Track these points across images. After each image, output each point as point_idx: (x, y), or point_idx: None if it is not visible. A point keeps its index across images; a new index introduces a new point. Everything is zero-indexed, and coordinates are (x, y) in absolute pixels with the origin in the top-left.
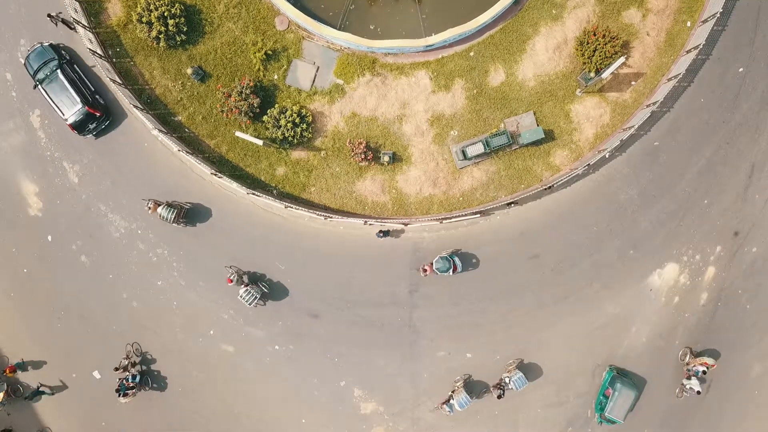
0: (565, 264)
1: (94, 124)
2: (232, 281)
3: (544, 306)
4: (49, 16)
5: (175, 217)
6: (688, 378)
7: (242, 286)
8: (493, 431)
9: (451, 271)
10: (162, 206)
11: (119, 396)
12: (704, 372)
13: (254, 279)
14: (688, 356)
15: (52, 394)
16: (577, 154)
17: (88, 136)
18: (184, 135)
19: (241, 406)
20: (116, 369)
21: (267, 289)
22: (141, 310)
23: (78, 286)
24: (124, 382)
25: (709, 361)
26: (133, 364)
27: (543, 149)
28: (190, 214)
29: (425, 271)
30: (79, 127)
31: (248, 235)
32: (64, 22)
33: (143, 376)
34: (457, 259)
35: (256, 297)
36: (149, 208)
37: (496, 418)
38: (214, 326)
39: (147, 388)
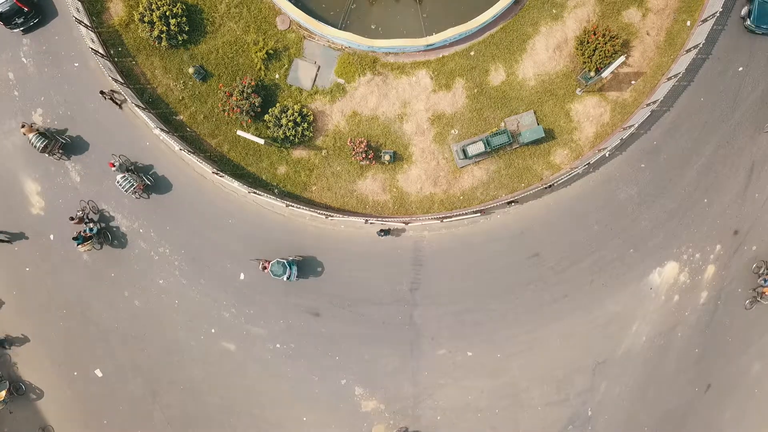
0: (565, 263)
1: (22, 19)
2: (114, 166)
3: (545, 304)
4: (101, 93)
5: (44, 147)
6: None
7: (122, 173)
8: (493, 429)
9: (285, 277)
10: (34, 133)
11: (77, 245)
12: None
13: (139, 170)
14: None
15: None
16: (578, 153)
17: (15, 30)
18: (186, 134)
19: (243, 404)
20: (71, 219)
21: (151, 182)
22: (142, 308)
23: (80, 284)
24: (82, 233)
25: None
26: (92, 221)
27: (543, 148)
28: (67, 148)
29: (264, 267)
30: (6, 20)
31: (249, 234)
32: (113, 99)
33: (102, 231)
34: (295, 268)
35: (132, 185)
36: (24, 130)
37: (496, 416)
38: (215, 324)
39: (108, 244)
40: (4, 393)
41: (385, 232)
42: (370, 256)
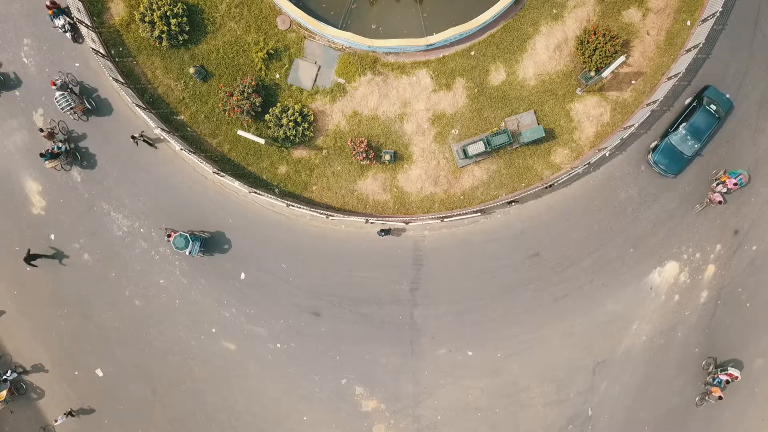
0: (565, 262)
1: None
2: (55, 84)
3: (545, 304)
4: (132, 137)
5: (70, 108)
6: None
7: (61, 90)
8: (493, 429)
9: (187, 251)
10: (61, 92)
11: (45, 161)
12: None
13: (82, 92)
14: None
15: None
16: (578, 153)
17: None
18: (187, 134)
19: (243, 404)
20: (40, 130)
21: (92, 106)
22: (143, 308)
23: (80, 284)
24: (50, 150)
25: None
26: (62, 140)
27: (543, 148)
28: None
29: (169, 236)
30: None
31: (250, 233)
32: (145, 141)
33: (71, 151)
34: (197, 244)
35: (70, 104)
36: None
37: (496, 416)
38: (216, 324)
39: (77, 165)
40: (5, 393)
41: (386, 231)
42: (371, 256)
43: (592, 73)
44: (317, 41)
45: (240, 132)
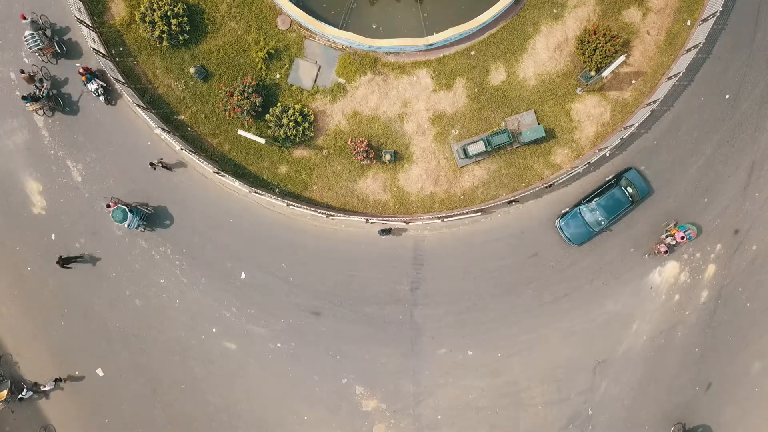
0: (565, 262)
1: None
2: (25, 18)
3: (545, 304)
4: (150, 164)
5: (38, 49)
6: None
7: (32, 30)
8: (494, 428)
9: (126, 224)
10: (30, 31)
11: (26, 104)
12: None
13: (54, 33)
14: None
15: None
16: (578, 153)
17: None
18: (187, 134)
19: (243, 403)
20: (21, 72)
21: (62, 50)
22: (144, 307)
23: (81, 283)
24: (31, 93)
25: None
26: (42, 82)
27: (544, 148)
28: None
29: (108, 207)
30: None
31: (250, 233)
32: (164, 166)
33: (53, 96)
34: (137, 219)
35: (39, 45)
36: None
37: (497, 416)
38: (216, 324)
39: (59, 111)
40: (5, 392)
41: (386, 231)
42: (371, 256)
43: (593, 73)
44: (317, 41)
45: (240, 132)
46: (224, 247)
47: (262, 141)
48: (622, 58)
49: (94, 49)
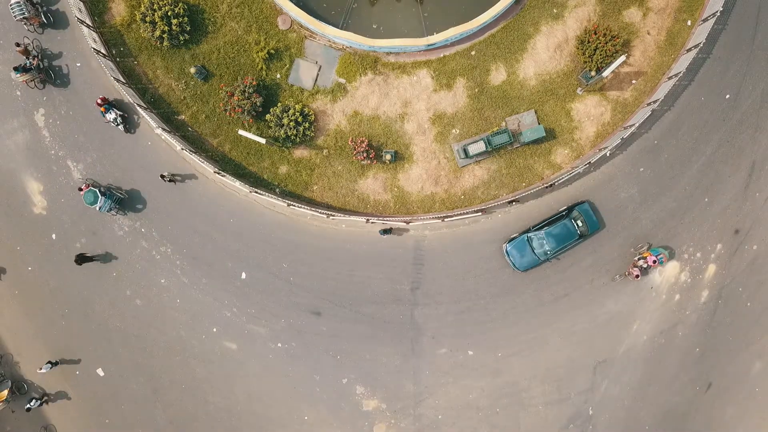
0: (565, 261)
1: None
2: None
3: (545, 303)
4: (161, 176)
5: (23, 17)
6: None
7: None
8: (494, 428)
9: (97, 206)
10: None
11: (17, 74)
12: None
13: (42, 2)
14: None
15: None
16: (578, 153)
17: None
18: (188, 134)
19: (244, 403)
20: (17, 45)
21: (49, 20)
22: (144, 307)
23: (82, 283)
24: (23, 65)
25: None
26: (35, 57)
27: (544, 147)
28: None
29: (80, 190)
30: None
31: (251, 233)
32: (172, 179)
33: (44, 69)
34: (108, 202)
35: (24, 14)
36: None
37: (497, 415)
38: (217, 324)
39: (50, 83)
40: (6, 392)
41: (387, 231)
42: (372, 256)
43: (593, 73)
44: (318, 41)
45: (241, 132)
46: (225, 247)
47: (263, 141)
48: (623, 58)
49: (94, 49)
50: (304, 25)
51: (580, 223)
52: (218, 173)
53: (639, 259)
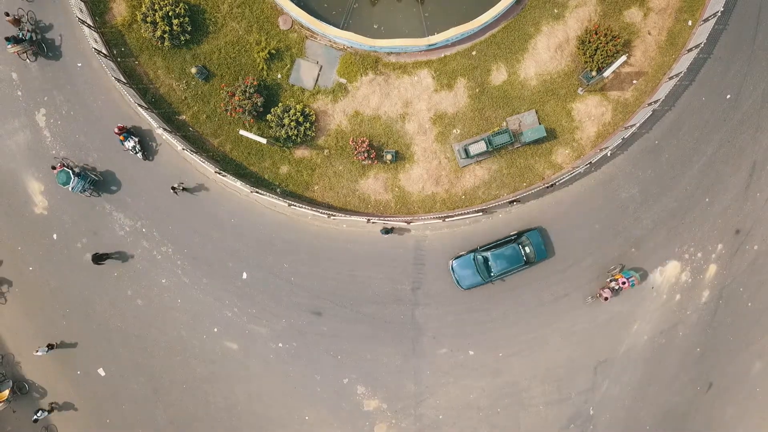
0: (566, 262)
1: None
2: None
3: (546, 303)
4: (172, 188)
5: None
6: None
7: None
8: (495, 428)
9: (70, 187)
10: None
11: (8, 45)
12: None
13: None
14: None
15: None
16: (579, 153)
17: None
18: (188, 134)
19: (245, 403)
20: (6, 15)
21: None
22: (145, 307)
23: (83, 283)
24: (14, 36)
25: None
26: (28, 30)
27: (545, 147)
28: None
29: (54, 169)
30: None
31: (252, 233)
32: (185, 189)
33: (36, 41)
34: (81, 182)
35: None
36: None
37: (497, 415)
38: (217, 324)
39: (42, 56)
40: (7, 392)
41: (389, 231)
42: (372, 256)
43: (594, 73)
44: (319, 41)
45: (242, 132)
46: (226, 247)
47: (264, 141)
48: (624, 58)
49: (95, 49)
50: (305, 25)
51: (527, 250)
52: (219, 173)
53: (611, 280)
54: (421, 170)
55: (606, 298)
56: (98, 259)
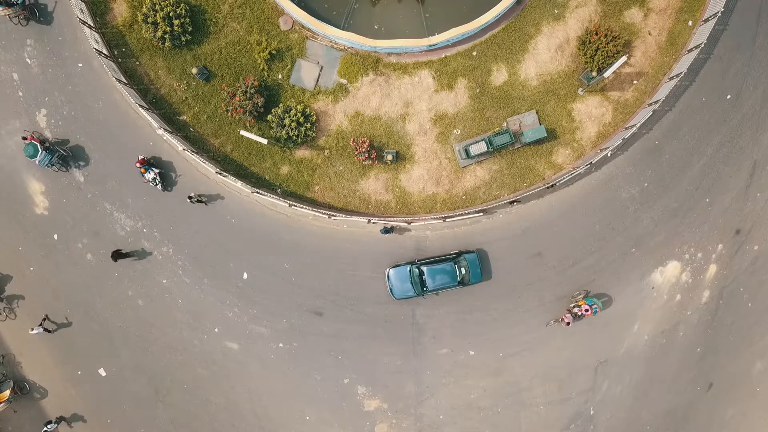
0: (567, 262)
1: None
2: None
3: (546, 303)
4: (189, 198)
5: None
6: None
7: None
8: (495, 428)
9: (37, 160)
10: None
11: (1, 8)
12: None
13: None
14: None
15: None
16: (579, 153)
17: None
18: (189, 134)
19: (245, 403)
20: None
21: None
22: (146, 308)
23: (83, 284)
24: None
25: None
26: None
27: (545, 148)
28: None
29: (25, 139)
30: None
31: (253, 233)
32: (199, 199)
33: (30, 6)
34: (48, 156)
35: None
36: None
37: (498, 415)
38: (218, 324)
39: (35, 20)
40: (8, 392)
41: (388, 230)
42: (373, 256)
43: (594, 73)
44: (319, 42)
45: (242, 132)
46: (226, 248)
47: (265, 141)
48: (624, 58)
49: (96, 50)
50: (305, 25)
51: (463, 271)
52: (220, 174)
53: (574, 306)
54: (421, 170)
55: (568, 323)
56: (118, 257)
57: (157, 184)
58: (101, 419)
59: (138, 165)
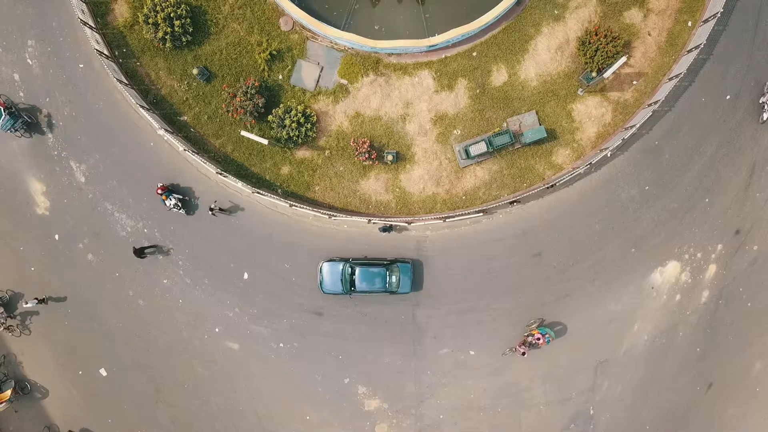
0: (567, 262)
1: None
2: None
3: (546, 304)
4: (210, 210)
5: None
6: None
7: None
8: (495, 428)
9: None
10: None
11: None
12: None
13: None
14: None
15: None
16: (579, 153)
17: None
18: (190, 134)
19: (246, 403)
20: None
21: None
22: (147, 307)
23: (84, 284)
24: None
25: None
26: None
27: (545, 148)
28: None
29: None
30: None
31: (253, 233)
32: (221, 210)
33: None
34: (10, 121)
35: None
36: None
37: (498, 415)
38: (219, 324)
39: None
40: (9, 392)
41: (387, 229)
42: (374, 256)
43: (594, 74)
44: (320, 42)
45: (243, 133)
46: (227, 248)
47: (265, 142)
48: (624, 59)
49: (97, 50)
50: (305, 26)
51: (394, 279)
52: (221, 174)
53: (528, 335)
54: (421, 171)
55: (523, 353)
56: (140, 253)
57: (179, 210)
58: (102, 419)
59: (159, 192)
